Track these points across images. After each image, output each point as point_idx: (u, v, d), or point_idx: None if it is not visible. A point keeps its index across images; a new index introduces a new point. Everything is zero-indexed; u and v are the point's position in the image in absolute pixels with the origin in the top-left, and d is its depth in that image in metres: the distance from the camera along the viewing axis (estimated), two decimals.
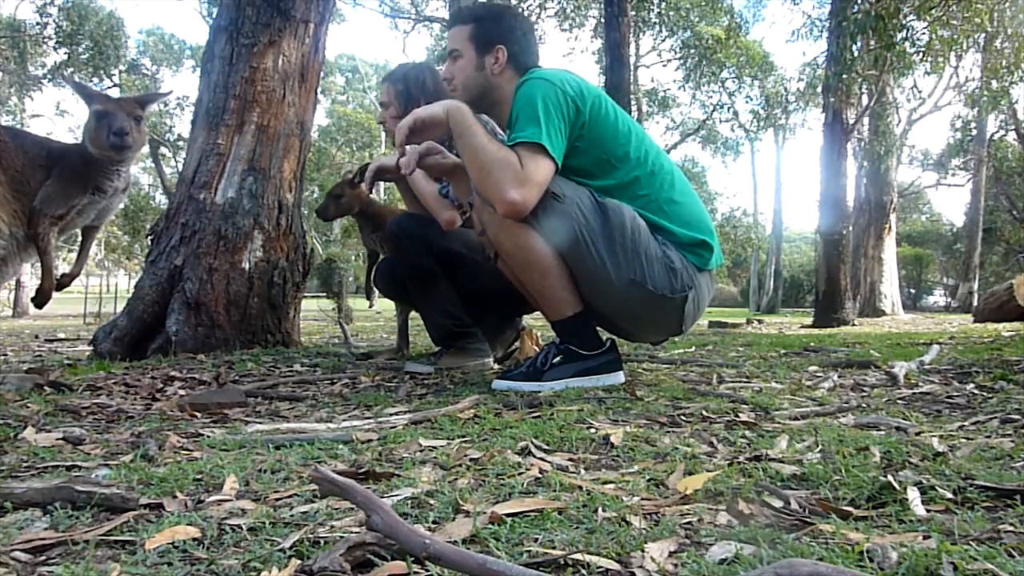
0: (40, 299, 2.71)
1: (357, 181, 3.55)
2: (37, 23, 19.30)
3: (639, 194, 2.20)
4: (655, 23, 20.31)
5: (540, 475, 1.18)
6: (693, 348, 3.82)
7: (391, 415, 1.77)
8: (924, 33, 9.49)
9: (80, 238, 2.94)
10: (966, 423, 1.61)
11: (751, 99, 23.07)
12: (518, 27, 2.31)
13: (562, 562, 0.81)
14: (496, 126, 2.63)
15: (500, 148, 2.05)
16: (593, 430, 1.52)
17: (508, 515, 0.96)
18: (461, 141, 2.10)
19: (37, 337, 6.09)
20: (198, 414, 1.88)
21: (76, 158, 2.62)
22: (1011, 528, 0.89)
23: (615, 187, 2.19)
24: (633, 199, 2.19)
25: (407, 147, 2.23)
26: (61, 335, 6.33)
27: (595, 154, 2.18)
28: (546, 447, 1.39)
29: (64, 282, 2.79)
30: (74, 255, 3.10)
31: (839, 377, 2.44)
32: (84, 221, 2.77)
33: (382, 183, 2.86)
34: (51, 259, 2.62)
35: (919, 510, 0.96)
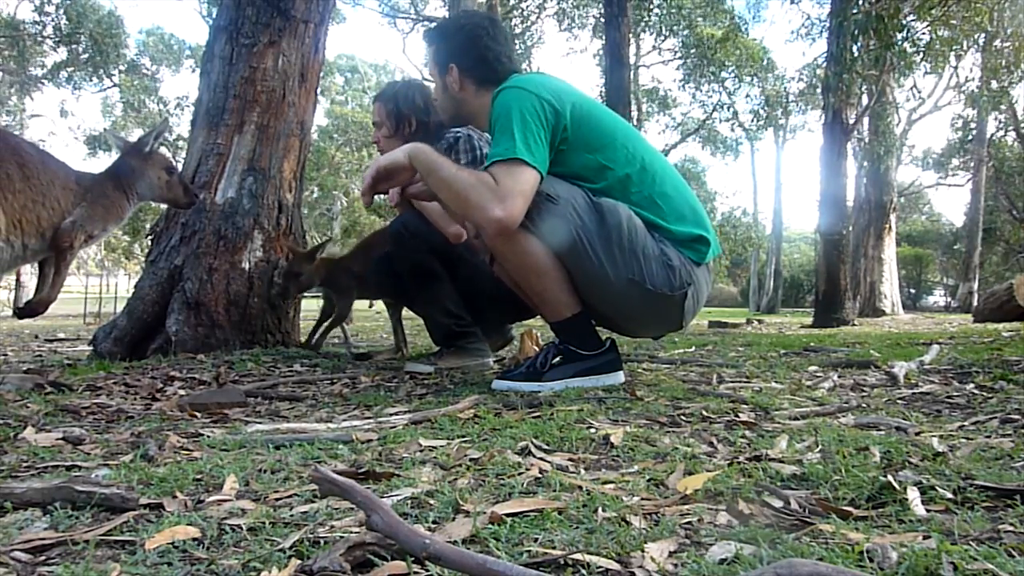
0: (36, 308, 2.62)
1: (319, 254, 3.46)
2: (36, 22, 19.28)
3: (631, 191, 2.19)
4: (655, 23, 20.30)
5: (540, 475, 1.18)
6: (693, 348, 3.82)
7: (391, 415, 1.77)
8: (924, 33, 9.51)
9: (41, 265, 2.83)
10: (966, 423, 1.61)
11: (751, 99, 23.08)
12: (470, 39, 2.29)
13: (562, 562, 0.81)
14: (480, 133, 2.71)
15: (471, 173, 2.05)
16: (593, 430, 1.52)
17: (508, 515, 0.96)
18: (430, 179, 2.09)
19: (37, 337, 6.09)
20: (198, 414, 1.88)
21: (112, 188, 2.75)
22: (1011, 528, 0.89)
23: (608, 189, 2.17)
24: (627, 198, 2.18)
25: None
26: (61, 335, 6.33)
27: (584, 156, 2.17)
28: (546, 447, 1.39)
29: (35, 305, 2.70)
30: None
31: (839, 377, 2.44)
32: (96, 242, 2.82)
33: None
34: (67, 274, 2.65)
35: (919, 510, 0.96)
